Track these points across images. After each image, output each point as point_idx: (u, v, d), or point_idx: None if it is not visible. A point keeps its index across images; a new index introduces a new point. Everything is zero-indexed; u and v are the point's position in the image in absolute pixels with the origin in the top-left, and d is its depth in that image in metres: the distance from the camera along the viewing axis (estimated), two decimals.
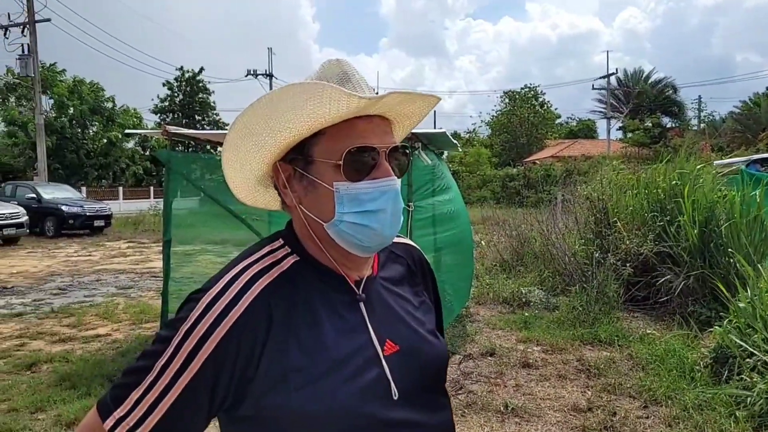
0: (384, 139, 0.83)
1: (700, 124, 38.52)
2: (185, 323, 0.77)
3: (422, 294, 0.99)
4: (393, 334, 0.86)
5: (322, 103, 0.77)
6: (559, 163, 26.21)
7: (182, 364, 0.76)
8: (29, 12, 21.12)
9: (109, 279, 9.31)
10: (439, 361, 0.93)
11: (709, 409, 3.54)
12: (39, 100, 21.58)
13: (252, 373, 0.77)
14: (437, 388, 0.93)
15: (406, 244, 1.04)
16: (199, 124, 37.15)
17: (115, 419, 0.76)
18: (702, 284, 5.47)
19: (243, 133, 0.83)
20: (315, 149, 0.83)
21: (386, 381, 0.82)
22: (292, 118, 0.79)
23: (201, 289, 0.81)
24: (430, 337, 0.92)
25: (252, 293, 0.79)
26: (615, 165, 8.28)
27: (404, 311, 0.91)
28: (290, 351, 0.78)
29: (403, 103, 0.85)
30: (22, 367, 4.74)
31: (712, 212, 5.63)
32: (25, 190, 16.83)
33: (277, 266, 0.84)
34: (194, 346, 0.76)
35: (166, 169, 5.18)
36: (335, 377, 0.79)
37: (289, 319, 0.80)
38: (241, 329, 0.77)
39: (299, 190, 0.85)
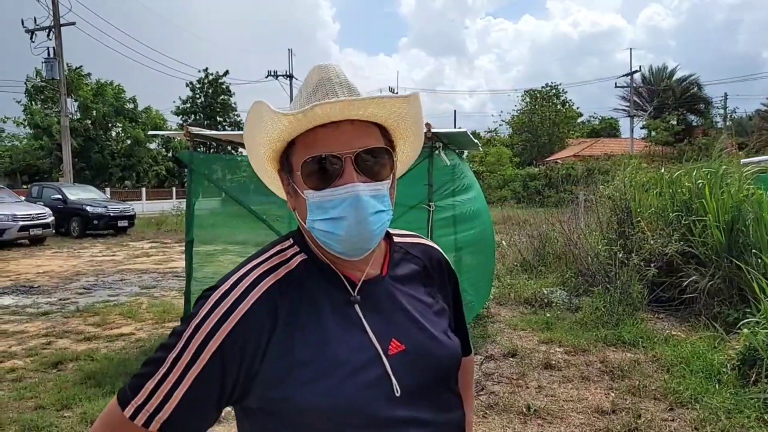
0: (351, 144, 0.83)
1: (726, 122, 37.67)
2: (195, 319, 0.82)
3: (437, 294, 1.00)
4: (399, 333, 0.88)
5: (264, 122, 0.84)
6: (580, 163, 25.87)
7: (192, 357, 0.80)
8: (54, 16, 21.59)
9: (132, 279, 9.47)
10: (449, 360, 0.94)
11: (737, 412, 3.46)
12: (64, 102, 22.06)
13: (258, 366, 0.81)
14: (447, 387, 0.94)
15: (425, 244, 1.05)
16: (220, 125, 37.59)
17: (134, 407, 0.81)
18: (729, 285, 5.35)
19: (247, 147, 0.93)
20: (292, 159, 0.87)
21: (388, 379, 0.84)
22: (258, 134, 0.87)
23: (211, 287, 0.86)
24: (441, 337, 0.93)
25: (257, 291, 0.83)
26: (634, 163, 8.12)
27: (415, 310, 0.92)
28: (295, 347, 0.81)
29: (374, 106, 0.84)
30: (49, 365, 4.84)
31: (739, 211, 5.50)
32: (51, 191, 17.18)
33: (284, 265, 0.88)
34: (202, 341, 0.80)
35: (189, 169, 5.25)
36: (338, 373, 0.81)
37: (294, 317, 0.83)
38: (246, 325, 0.81)
39: (292, 196, 0.90)
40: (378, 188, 0.85)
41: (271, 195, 4.84)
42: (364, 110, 0.84)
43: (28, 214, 14.11)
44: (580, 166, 23.24)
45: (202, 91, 38.21)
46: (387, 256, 0.95)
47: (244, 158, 8.78)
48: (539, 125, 39.77)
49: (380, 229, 0.86)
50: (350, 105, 0.81)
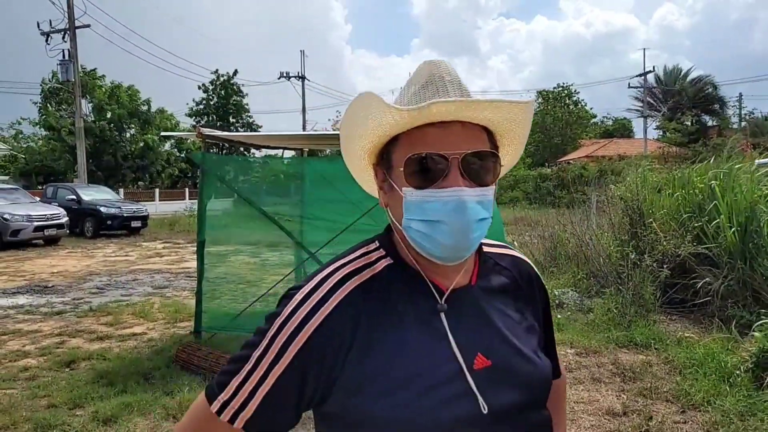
0: (459, 146, 0.79)
1: (741, 123, 37.19)
2: (280, 317, 0.81)
3: (526, 310, 0.94)
4: (486, 348, 0.83)
5: (372, 114, 0.80)
6: (593, 164, 25.69)
7: (275, 357, 0.79)
8: (70, 18, 21.87)
9: (145, 279, 9.57)
10: (539, 381, 0.89)
11: (750, 415, 3.43)
12: (79, 104, 22.34)
13: (337, 372, 0.79)
14: (536, 409, 0.88)
15: (515, 256, 1.00)
16: (233, 126, 37.80)
17: (221, 402, 0.81)
18: (742, 287, 5.29)
19: (343, 137, 0.90)
20: (393, 155, 0.84)
21: (472, 395, 0.79)
22: (361, 125, 0.84)
23: (296, 286, 0.85)
24: (531, 355, 0.88)
25: (343, 292, 0.82)
26: (644, 164, 8.05)
27: (503, 325, 0.87)
28: (376, 354, 0.79)
29: (487, 109, 0.81)
30: (62, 364, 4.89)
31: (753, 212, 5.44)
32: (65, 192, 17.42)
33: (369, 268, 0.85)
34: (286, 340, 0.79)
35: (201, 170, 5.31)
36: (420, 385, 0.78)
37: (375, 323, 0.81)
38: (329, 327, 0.79)
39: (388, 193, 0.87)
40: (484, 194, 0.81)
41: (283, 196, 4.98)
42: (480, 113, 0.81)
43: (42, 215, 14.32)
44: (592, 167, 23.09)
45: (215, 93, 38.46)
46: (476, 266, 0.90)
47: (257, 159, 8.86)
48: (551, 126, 39.55)
49: (481, 237, 0.82)
50: (467, 106, 0.78)
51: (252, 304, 5.33)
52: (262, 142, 7.50)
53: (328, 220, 6.56)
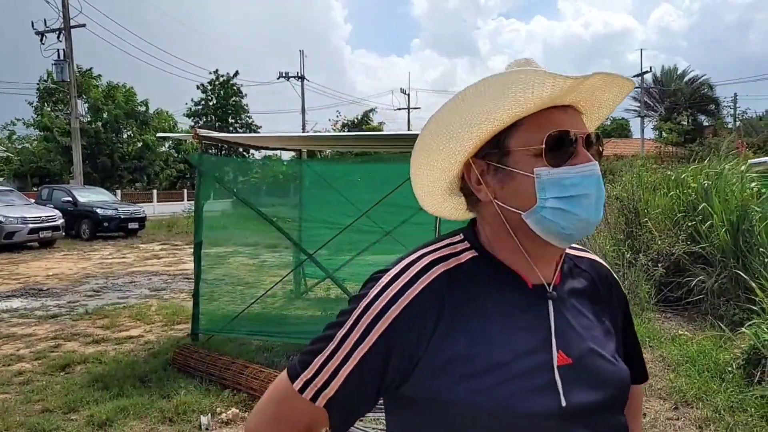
0: (579, 127, 0.84)
1: (736, 123, 37.36)
2: (366, 299, 0.82)
3: (605, 314, 0.93)
4: (566, 346, 0.83)
5: (526, 87, 0.77)
6: None
7: (360, 336, 0.80)
8: (65, 18, 21.71)
9: (142, 281, 9.55)
10: (618, 384, 0.87)
11: (741, 410, 3.47)
12: (75, 104, 22.24)
13: (420, 354, 0.80)
14: (613, 413, 0.87)
15: (593, 259, 0.99)
16: (232, 127, 37.65)
17: (303, 381, 0.82)
18: (735, 285, 5.34)
19: (436, 131, 0.85)
20: (511, 140, 0.83)
21: (554, 390, 0.79)
22: (493, 108, 0.80)
23: (382, 270, 0.86)
24: (609, 357, 0.87)
25: (428, 277, 0.82)
26: (638, 164, 8.12)
27: (582, 326, 0.87)
28: (458, 340, 0.80)
29: (600, 89, 0.85)
30: (57, 368, 4.84)
31: (745, 211, 5.49)
32: (61, 194, 17.28)
33: (454, 257, 0.86)
34: (371, 321, 0.80)
35: (198, 172, 5.32)
36: (500, 374, 0.78)
37: (460, 309, 0.81)
38: (414, 310, 0.80)
39: (494, 184, 0.85)
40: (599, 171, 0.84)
41: (282, 197, 5.01)
42: (606, 92, 0.86)
43: (37, 217, 14.24)
44: None
45: (214, 93, 38.36)
46: (558, 265, 0.90)
47: (256, 160, 8.84)
48: None
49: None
50: (613, 82, 0.83)
51: (250, 306, 5.35)
52: (260, 143, 7.52)
53: (326, 221, 6.59)
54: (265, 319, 5.68)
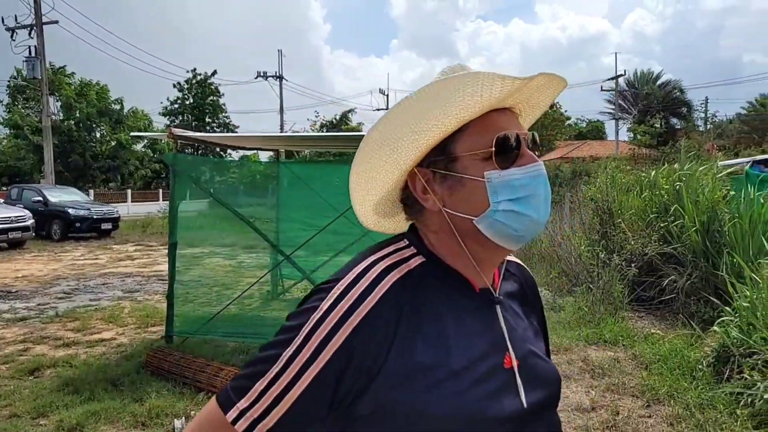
0: (520, 128, 0.84)
1: (707, 125, 38.36)
2: (316, 312, 0.76)
3: (532, 316, 0.97)
4: (513, 348, 0.84)
5: (475, 90, 0.76)
6: (567, 165, 26.15)
7: (311, 355, 0.74)
8: (36, 14, 21.30)
9: (115, 282, 9.37)
10: (556, 381, 0.91)
11: (711, 407, 3.55)
12: (46, 102, 21.75)
13: (378, 367, 0.75)
14: (554, 408, 0.90)
15: (519, 264, 1.01)
16: (209, 127, 37.23)
17: (239, 410, 0.75)
18: (705, 284, 5.47)
19: (379, 143, 0.82)
20: (458, 146, 0.81)
21: (514, 390, 0.81)
22: (439, 115, 0.78)
23: (330, 280, 0.80)
24: (543, 356, 0.91)
25: (384, 285, 0.78)
26: (611, 166, 8.27)
27: (521, 328, 0.89)
28: (417, 349, 0.77)
29: (539, 90, 0.86)
30: (25, 372, 4.72)
31: (715, 212, 5.63)
32: (31, 193, 16.92)
33: (404, 264, 0.83)
34: (325, 336, 0.75)
35: (172, 171, 5.23)
36: (464, 380, 0.77)
37: (417, 316, 0.79)
38: (373, 321, 0.76)
39: (442, 192, 0.83)
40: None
41: (260, 197, 4.97)
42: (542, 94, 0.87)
43: (6, 217, 13.86)
44: (567, 168, 23.51)
45: (191, 92, 37.87)
46: (496, 270, 0.91)
47: (233, 160, 8.75)
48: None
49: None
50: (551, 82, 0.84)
51: (226, 307, 5.28)
52: (237, 143, 7.44)
53: (304, 222, 6.55)
54: (242, 320, 5.62)
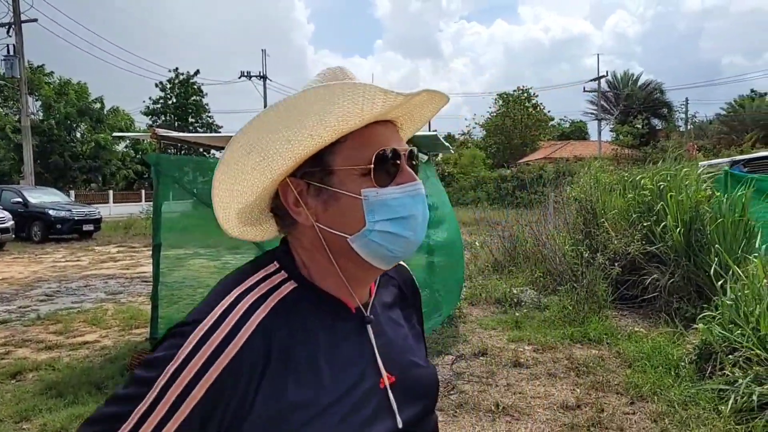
0: (401, 143, 0.80)
1: (688, 126, 39.00)
2: (172, 363, 0.68)
3: (412, 318, 0.95)
4: (390, 365, 0.82)
5: (355, 102, 0.71)
6: (550, 165, 26.40)
7: (168, 411, 0.66)
8: (15, 12, 20.95)
9: (98, 284, 9.23)
10: (434, 389, 0.91)
11: (694, 404, 3.61)
12: (25, 101, 21.38)
13: (245, 412, 0.69)
14: (432, 412, 0.90)
15: (397, 264, 0.97)
16: (192, 127, 36.91)
17: None
18: (687, 282, 5.56)
19: (247, 149, 0.74)
20: (335, 158, 0.76)
21: (390, 412, 0.78)
22: (316, 124, 0.72)
23: (188, 321, 0.71)
24: (425, 365, 0.89)
25: (251, 325, 0.72)
26: (595, 166, 8.36)
27: (399, 338, 0.87)
28: (288, 388, 0.72)
29: (422, 105, 0.83)
30: (7, 376, 4.66)
31: (697, 212, 5.72)
32: (10, 194, 16.61)
33: (275, 293, 0.76)
34: (183, 389, 0.67)
35: (155, 172, 5.17)
36: (335, 413, 0.73)
37: (287, 353, 0.73)
38: (239, 367, 0.69)
39: (315, 206, 0.77)
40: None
41: None
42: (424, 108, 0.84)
43: None
44: (550, 168, 23.74)
45: (173, 92, 37.48)
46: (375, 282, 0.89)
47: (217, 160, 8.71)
48: (512, 128, 40.40)
49: None
50: (434, 98, 0.80)
51: None
52: (221, 143, 7.38)
53: None
54: None
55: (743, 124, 28.25)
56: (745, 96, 34.77)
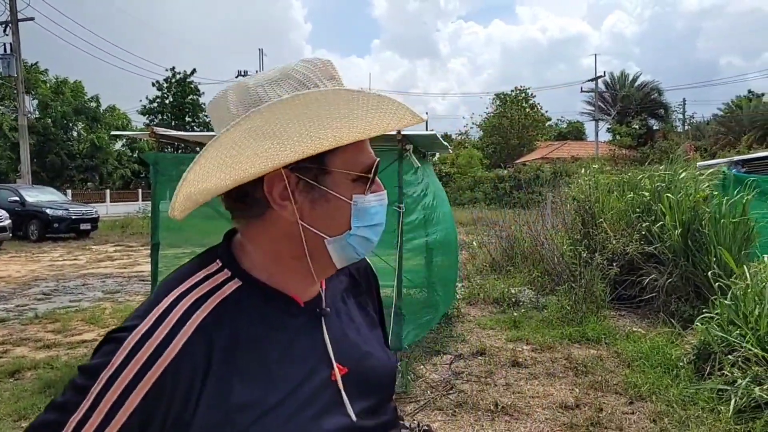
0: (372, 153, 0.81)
1: (685, 127, 39.10)
2: (107, 370, 0.65)
3: (367, 305, 0.95)
4: (342, 356, 0.81)
5: (383, 115, 0.73)
6: (548, 165, 26.43)
7: (103, 420, 0.64)
8: (12, 10, 20.87)
9: (95, 283, 9.21)
10: (389, 376, 0.90)
11: (692, 404, 3.62)
12: (22, 100, 21.30)
13: (188, 417, 0.67)
14: (388, 403, 0.89)
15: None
16: (189, 126, 36.87)
17: None
18: (685, 282, 5.57)
19: (259, 134, 0.70)
20: (334, 159, 0.75)
21: (342, 405, 0.78)
22: (342, 126, 0.71)
23: (124, 327, 0.69)
24: (379, 353, 0.88)
25: (190, 327, 0.69)
26: (595, 166, 8.37)
27: (350, 328, 0.87)
28: (233, 389, 0.70)
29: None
30: (5, 375, 4.66)
31: (695, 212, 5.73)
32: (7, 193, 16.54)
33: (217, 292, 0.74)
34: (118, 397, 0.65)
35: (153, 170, 5.16)
36: (283, 411, 0.71)
37: (231, 353, 0.71)
38: (177, 372, 0.67)
39: (302, 202, 0.75)
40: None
41: None
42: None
43: None
44: (547, 169, 23.77)
45: (170, 91, 37.43)
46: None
47: None
48: (509, 128, 40.44)
49: None
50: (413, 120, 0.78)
51: None
52: None
53: None
54: None
55: (740, 125, 28.30)
56: (743, 96, 34.84)
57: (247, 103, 0.74)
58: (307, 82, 0.75)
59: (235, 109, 0.74)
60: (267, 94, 0.73)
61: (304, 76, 0.75)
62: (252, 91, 0.74)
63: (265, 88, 0.74)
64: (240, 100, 0.74)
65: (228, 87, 0.77)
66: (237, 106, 0.74)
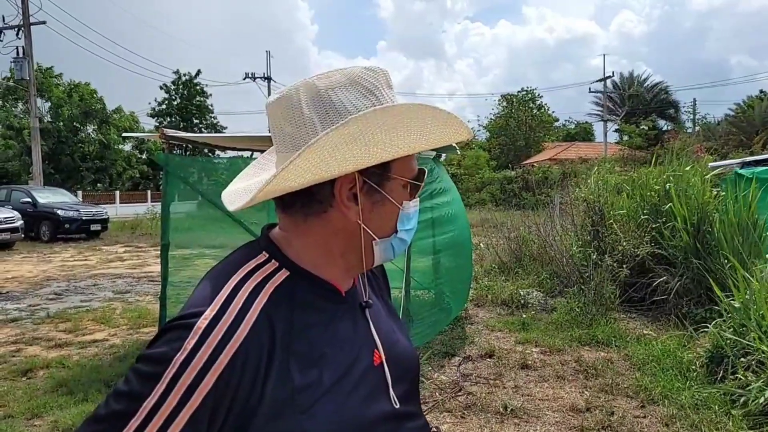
0: None
1: (695, 127, 38.75)
2: (180, 353, 0.67)
3: (385, 296, 1.01)
4: (380, 344, 0.87)
5: (447, 130, 0.81)
6: (556, 166, 26.29)
7: (179, 402, 0.66)
8: (24, 14, 21.07)
9: (105, 283, 9.28)
10: (416, 365, 0.95)
11: (705, 408, 3.58)
12: (34, 103, 21.53)
13: (257, 399, 0.70)
14: (415, 388, 0.93)
15: None
16: (196, 128, 37.09)
17: None
18: (697, 285, 5.51)
19: (351, 138, 0.73)
20: (395, 166, 0.81)
21: (386, 391, 0.83)
22: (419, 138, 0.78)
23: (188, 314, 0.71)
24: (404, 341, 0.94)
25: (255, 310, 0.73)
26: (605, 166, 8.32)
27: (383, 319, 0.92)
28: (293, 371, 0.73)
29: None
30: (18, 373, 4.71)
31: (705, 213, 5.67)
32: (20, 195, 16.75)
33: (270, 280, 0.78)
34: (194, 379, 0.67)
35: (164, 172, 5.19)
36: (337, 394, 0.76)
37: (288, 337, 0.75)
38: (246, 353, 0.70)
39: (364, 204, 0.80)
40: None
41: None
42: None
43: None
44: (555, 170, 23.65)
45: (177, 93, 37.66)
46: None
47: (222, 161, 8.75)
48: (516, 129, 40.29)
49: None
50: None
51: None
52: (227, 143, 7.41)
53: None
54: None
55: (752, 125, 28.01)
56: (754, 97, 34.50)
57: (320, 106, 0.77)
58: (374, 90, 0.79)
59: (308, 110, 0.77)
60: (339, 98, 0.77)
61: (371, 84, 0.79)
62: (324, 94, 0.77)
63: (336, 93, 0.77)
64: (312, 102, 0.77)
65: (296, 86, 0.79)
66: (310, 107, 0.77)
